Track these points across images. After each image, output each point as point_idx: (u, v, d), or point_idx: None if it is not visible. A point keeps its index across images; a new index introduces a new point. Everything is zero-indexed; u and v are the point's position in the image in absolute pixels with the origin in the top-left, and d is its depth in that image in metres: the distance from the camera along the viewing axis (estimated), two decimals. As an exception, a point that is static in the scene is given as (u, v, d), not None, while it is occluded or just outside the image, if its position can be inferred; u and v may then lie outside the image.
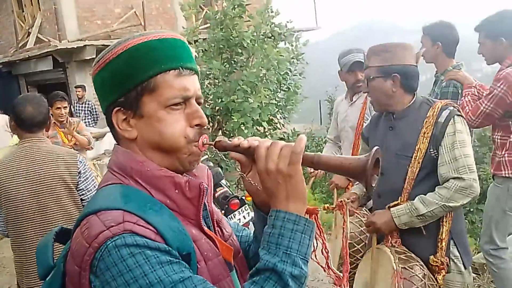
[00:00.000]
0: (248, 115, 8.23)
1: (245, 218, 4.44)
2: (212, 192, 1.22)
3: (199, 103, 1.09)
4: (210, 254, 1.03)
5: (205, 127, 1.08)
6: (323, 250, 1.12)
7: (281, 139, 10.15)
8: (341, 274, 1.16)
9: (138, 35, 1.05)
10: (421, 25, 3.50)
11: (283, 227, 0.96)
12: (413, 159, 2.23)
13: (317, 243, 1.12)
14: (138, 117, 1.04)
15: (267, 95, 8.68)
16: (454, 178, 2.13)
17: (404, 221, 2.23)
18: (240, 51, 9.36)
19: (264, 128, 9.84)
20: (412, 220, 2.21)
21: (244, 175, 1.11)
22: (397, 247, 2.27)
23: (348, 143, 3.56)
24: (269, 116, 9.01)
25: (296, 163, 0.97)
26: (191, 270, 0.93)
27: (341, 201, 1.96)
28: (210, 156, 8.46)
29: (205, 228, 1.07)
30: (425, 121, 2.22)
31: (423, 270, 2.19)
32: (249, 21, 9.83)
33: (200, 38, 9.79)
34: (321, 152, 3.79)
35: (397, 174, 2.29)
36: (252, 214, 4.55)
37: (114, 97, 1.04)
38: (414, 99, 2.34)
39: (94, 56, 11.55)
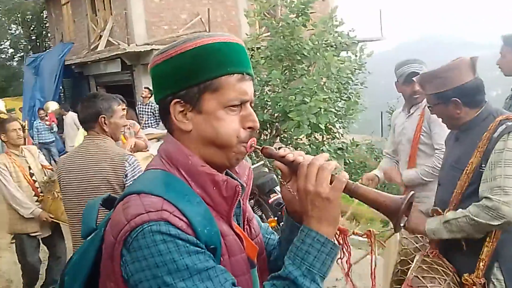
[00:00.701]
0: (305, 115, 8.17)
1: (297, 226, 4.41)
2: (250, 190, 1.27)
3: (252, 107, 1.15)
4: (235, 250, 1.09)
5: (256, 130, 1.13)
6: (347, 261, 1.23)
7: (339, 148, 10.02)
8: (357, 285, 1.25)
9: (207, 35, 1.10)
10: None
11: (311, 245, 1.03)
12: (464, 172, 2.16)
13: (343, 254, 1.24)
14: (197, 111, 1.09)
15: (326, 99, 8.59)
16: (485, 197, 2.02)
17: (432, 226, 2.17)
18: (300, 59, 9.33)
19: (322, 136, 9.76)
20: (439, 227, 2.14)
21: (284, 182, 1.18)
22: (430, 257, 2.22)
23: (404, 157, 3.40)
24: (327, 123, 8.91)
25: (338, 190, 1.04)
26: (215, 261, 1.00)
27: (369, 230, 1.90)
28: (265, 161, 8.48)
29: (235, 225, 1.13)
30: (484, 135, 2.12)
31: (442, 285, 2.11)
32: (312, 29, 9.80)
33: (262, 46, 9.87)
34: (380, 165, 3.69)
35: (449, 186, 2.24)
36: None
37: (175, 90, 1.09)
38: (480, 111, 2.22)
39: (160, 60, 11.91)
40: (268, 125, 9.46)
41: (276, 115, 9.15)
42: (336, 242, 1.07)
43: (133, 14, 12.43)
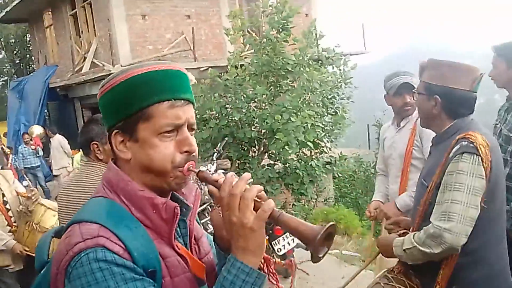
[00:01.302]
0: (292, 134, 8.15)
1: (289, 245, 4.33)
2: (197, 210, 1.27)
3: (192, 129, 1.16)
4: (178, 271, 1.11)
5: (193, 154, 1.14)
6: None
7: (328, 163, 10.03)
8: None
9: (139, 66, 1.13)
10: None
11: (236, 276, 1.03)
12: (427, 190, 2.09)
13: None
14: (134, 141, 1.13)
15: (312, 115, 8.60)
16: (431, 222, 1.96)
17: (397, 252, 2.10)
18: (284, 74, 9.36)
19: (311, 151, 9.75)
20: (401, 254, 2.07)
21: (216, 207, 1.17)
22: (394, 274, 2.19)
23: (395, 171, 3.32)
24: (315, 139, 8.90)
25: (262, 220, 1.04)
26: (155, 285, 1.03)
27: (290, 260, 1.78)
28: (254, 179, 8.43)
29: (178, 246, 1.14)
30: (446, 153, 2.03)
31: None
32: (294, 44, 9.85)
33: (246, 62, 9.88)
34: (374, 181, 3.63)
35: (416, 202, 2.19)
36: (297, 241, 4.44)
37: (114, 121, 1.14)
38: (451, 125, 2.13)
39: (145, 80, 11.88)
40: (256, 142, 9.43)
41: (263, 131, 9.13)
42: (261, 271, 1.07)
43: (117, 35, 12.41)
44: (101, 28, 13.13)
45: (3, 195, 3.92)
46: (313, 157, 9.83)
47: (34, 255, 3.60)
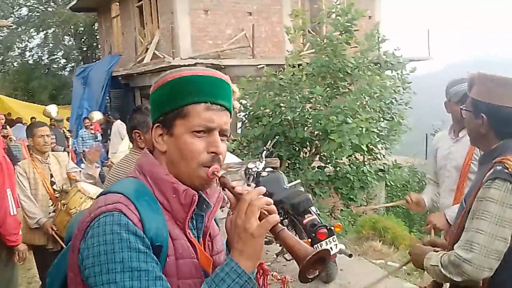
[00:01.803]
0: (347, 136, 8.00)
1: (332, 250, 4.22)
2: (217, 210, 1.34)
3: (224, 135, 1.24)
4: (185, 254, 1.19)
5: (219, 156, 1.22)
6: None
7: (380, 170, 9.78)
8: None
9: (186, 69, 1.24)
10: None
11: (228, 274, 1.09)
12: (462, 213, 2.00)
13: None
14: (170, 135, 1.23)
15: (368, 120, 8.41)
16: (454, 249, 1.88)
17: (426, 264, 2.02)
18: (342, 76, 9.21)
19: (363, 156, 9.55)
20: (429, 267, 2.00)
21: (231, 213, 1.22)
22: None
23: (449, 184, 3.13)
24: (369, 144, 8.70)
25: (264, 229, 1.10)
26: (158, 262, 1.10)
27: (285, 277, 1.69)
28: (303, 180, 8.34)
29: (189, 234, 1.22)
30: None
31: None
32: (356, 47, 9.67)
33: (304, 62, 9.80)
34: (424, 190, 3.47)
35: (455, 222, 2.12)
36: (340, 246, 4.33)
37: (157, 115, 1.25)
38: (497, 145, 1.99)
39: (203, 74, 12.04)
40: (307, 143, 9.34)
41: (316, 133, 9.02)
42: (252, 276, 1.12)
43: (179, 28, 12.65)
44: (165, 20, 13.42)
45: (51, 175, 4.11)
46: (366, 163, 9.62)
47: (58, 236, 3.61)
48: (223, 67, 12.49)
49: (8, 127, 10.11)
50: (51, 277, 1.31)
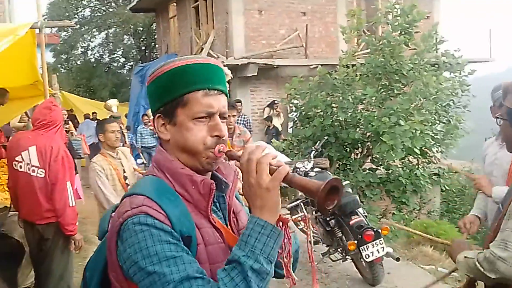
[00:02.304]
0: (399, 139, 7.82)
1: (378, 252, 4.16)
2: (236, 186, 1.40)
3: (224, 118, 1.31)
4: (212, 240, 1.25)
5: (223, 137, 1.28)
6: (285, 255, 1.28)
7: (435, 174, 9.50)
8: (296, 278, 1.28)
9: (182, 59, 1.29)
10: None
11: (253, 229, 1.16)
12: (499, 216, 2.05)
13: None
14: (172, 124, 1.29)
15: (423, 121, 8.19)
16: (489, 246, 1.94)
17: (459, 257, 2.10)
18: (397, 78, 9.01)
19: (417, 160, 9.30)
20: (461, 261, 2.07)
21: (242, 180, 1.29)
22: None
23: None
24: (422, 147, 8.47)
25: (277, 180, 1.16)
26: (190, 251, 1.18)
27: (305, 215, 1.75)
28: (353, 182, 8.25)
29: (214, 220, 1.29)
30: None
31: None
32: (414, 48, 9.44)
33: (358, 62, 9.67)
34: (476, 203, 3.37)
35: (491, 226, 2.18)
36: (387, 249, 4.26)
37: (158, 106, 1.31)
38: None
39: (256, 74, 12.15)
40: (359, 144, 9.22)
41: (368, 134, 8.89)
42: (276, 226, 1.17)
43: (233, 28, 12.81)
44: (219, 21, 13.63)
45: (124, 171, 4.26)
46: (419, 166, 9.37)
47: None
48: (275, 67, 12.54)
49: (70, 122, 10.63)
50: (90, 271, 1.39)
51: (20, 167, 3.71)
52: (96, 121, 14.28)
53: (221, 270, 1.16)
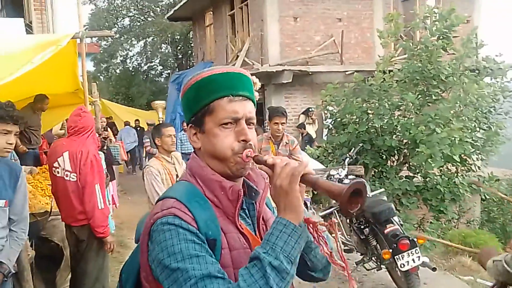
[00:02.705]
0: (437, 147, 7.65)
1: (414, 262, 4.07)
2: (267, 194, 1.43)
3: (250, 123, 1.35)
4: (237, 245, 1.30)
5: (250, 142, 1.32)
6: (323, 250, 1.32)
7: (474, 182, 9.22)
8: (343, 264, 1.28)
9: (206, 71, 1.35)
10: None
11: (275, 228, 1.20)
12: None
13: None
14: (202, 132, 1.36)
15: (462, 129, 7.97)
16: None
17: (488, 264, 2.13)
18: (436, 83, 8.82)
19: (456, 167, 9.07)
20: (490, 266, 2.10)
21: (270, 185, 1.33)
22: None
23: None
24: (462, 154, 8.25)
25: (294, 183, 1.20)
26: (213, 254, 1.22)
27: (331, 220, 1.74)
28: (389, 190, 8.11)
29: (242, 226, 1.34)
30: None
31: None
32: (453, 53, 9.23)
33: (395, 68, 9.53)
34: None
35: None
36: (423, 258, 4.17)
37: (189, 117, 1.38)
38: None
39: (290, 80, 12.14)
40: (395, 151, 9.07)
41: (405, 141, 8.73)
42: (298, 225, 1.20)
43: (268, 35, 12.86)
44: (255, 28, 13.72)
45: (177, 176, 4.23)
46: (458, 174, 9.13)
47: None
48: (310, 73, 12.51)
49: (109, 129, 10.90)
50: (126, 274, 1.44)
51: (58, 172, 3.87)
52: (139, 128, 14.60)
53: (243, 268, 1.19)
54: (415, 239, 4.18)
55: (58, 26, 9.48)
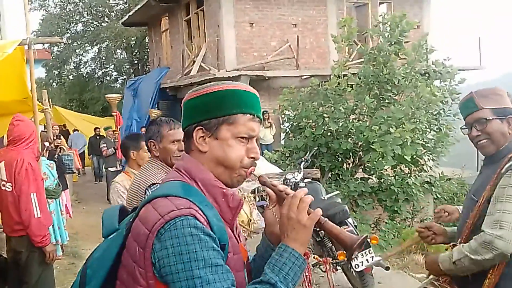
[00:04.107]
0: (389, 146, 7.87)
1: (367, 262, 4.15)
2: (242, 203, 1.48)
3: (256, 141, 1.45)
4: (236, 249, 1.37)
5: (256, 160, 1.41)
6: (307, 283, 1.46)
7: (427, 182, 9.52)
8: None
9: (231, 83, 1.41)
10: None
11: (288, 258, 1.30)
12: (477, 204, 2.22)
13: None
14: (214, 138, 1.39)
15: (413, 130, 8.22)
16: (482, 231, 2.09)
17: (445, 267, 2.20)
18: (389, 87, 9.07)
19: (409, 168, 9.34)
20: (452, 268, 2.18)
21: (270, 207, 1.45)
22: (440, 282, 2.29)
23: None
24: (413, 155, 8.50)
25: (313, 220, 1.33)
26: (224, 258, 1.27)
27: (326, 258, 1.90)
28: (345, 192, 8.26)
29: (234, 231, 1.42)
30: (497, 170, 2.18)
31: None
32: (405, 58, 9.52)
33: (349, 73, 9.74)
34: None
35: (465, 216, 2.32)
36: (376, 258, 4.26)
37: (200, 119, 1.40)
38: (503, 146, 2.25)
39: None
40: (351, 154, 9.25)
41: (360, 144, 8.93)
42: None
43: (225, 41, 12.89)
44: (211, 34, 13.71)
45: None
46: (411, 174, 9.40)
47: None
48: (267, 78, 12.60)
49: (62, 137, 10.61)
50: (92, 269, 1.40)
51: None
52: (98, 137, 14.20)
53: (250, 285, 1.30)
54: (369, 240, 4.27)
55: (7, 32, 9.17)
